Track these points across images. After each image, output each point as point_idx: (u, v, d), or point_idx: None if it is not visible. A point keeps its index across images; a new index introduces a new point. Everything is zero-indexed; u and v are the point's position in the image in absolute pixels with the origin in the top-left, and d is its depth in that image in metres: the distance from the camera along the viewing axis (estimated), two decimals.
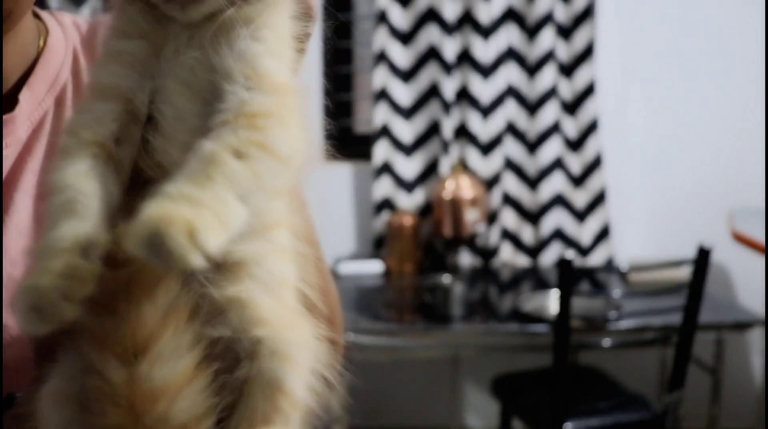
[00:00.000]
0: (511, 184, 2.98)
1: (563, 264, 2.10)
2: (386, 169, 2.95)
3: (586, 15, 2.90)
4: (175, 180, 0.50)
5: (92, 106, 0.55)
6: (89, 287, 0.50)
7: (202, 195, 0.49)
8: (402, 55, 2.92)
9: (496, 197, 2.94)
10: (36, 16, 0.78)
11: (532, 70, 2.92)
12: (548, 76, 2.89)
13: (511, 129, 2.96)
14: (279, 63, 0.58)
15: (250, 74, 0.55)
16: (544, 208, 2.96)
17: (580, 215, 2.97)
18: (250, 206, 0.51)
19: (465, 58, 2.92)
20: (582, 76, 2.92)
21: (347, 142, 3.10)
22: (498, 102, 2.91)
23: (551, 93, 2.90)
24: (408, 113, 2.95)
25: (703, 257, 2.22)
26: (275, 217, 0.59)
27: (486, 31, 2.87)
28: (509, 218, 2.99)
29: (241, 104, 0.53)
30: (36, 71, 0.75)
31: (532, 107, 2.94)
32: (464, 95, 2.94)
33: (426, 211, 2.97)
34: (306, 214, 0.74)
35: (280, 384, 0.56)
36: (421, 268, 2.88)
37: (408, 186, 2.96)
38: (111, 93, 0.55)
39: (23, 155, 0.73)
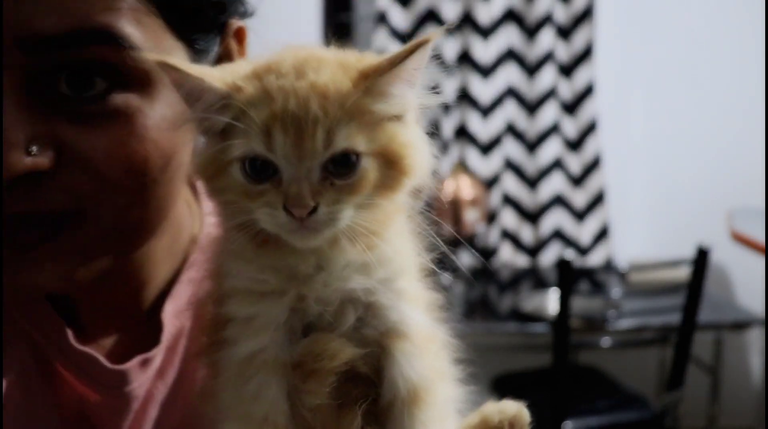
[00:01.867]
0: (510, 184, 2.98)
1: (563, 264, 2.11)
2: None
3: (585, 16, 2.90)
4: None
5: (259, 389, 0.54)
6: None
7: None
8: None
9: (495, 197, 2.95)
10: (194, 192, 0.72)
11: (531, 70, 2.93)
12: (548, 76, 2.90)
13: (511, 129, 2.97)
14: (416, 307, 0.57)
15: (398, 343, 0.55)
16: (544, 208, 2.96)
17: (580, 215, 2.98)
18: None
19: (465, 58, 2.93)
20: (581, 77, 2.93)
21: None
22: (498, 102, 2.92)
23: (551, 93, 2.91)
24: None
25: (702, 257, 2.22)
26: None
27: (486, 32, 2.88)
28: (509, 218, 3.00)
29: (405, 386, 0.55)
30: (182, 276, 0.68)
31: (531, 107, 2.94)
32: (464, 95, 2.94)
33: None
34: None
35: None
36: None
37: None
38: (266, 366, 0.54)
39: (156, 380, 0.67)
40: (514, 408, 0.61)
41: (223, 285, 0.55)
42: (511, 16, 2.92)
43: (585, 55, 2.92)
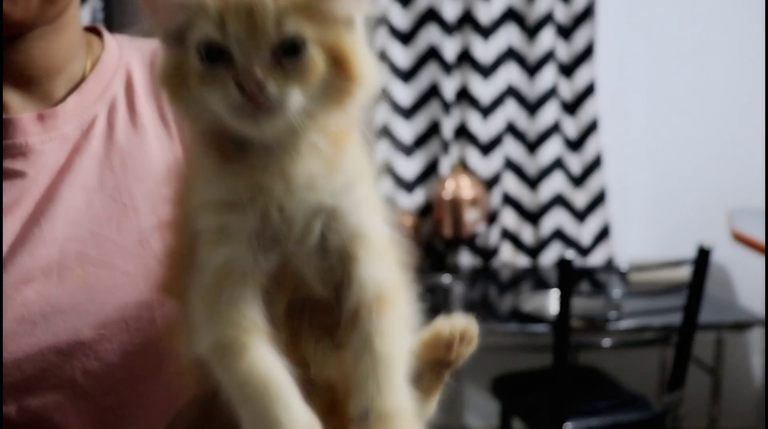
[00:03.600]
0: (511, 184, 2.98)
1: (563, 264, 2.10)
2: (386, 169, 2.95)
3: (585, 15, 2.90)
4: (372, 392, 0.56)
5: (234, 294, 0.57)
6: None
7: (405, 402, 0.56)
8: (402, 55, 2.92)
9: (496, 197, 2.94)
10: (98, 34, 0.86)
11: (532, 70, 2.92)
12: (548, 76, 2.89)
13: (511, 129, 2.96)
14: (378, 216, 0.60)
15: (362, 245, 0.58)
16: (544, 208, 2.96)
17: (580, 215, 2.97)
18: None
19: (465, 58, 2.93)
20: (582, 76, 2.92)
21: None
22: (498, 102, 2.92)
23: (551, 93, 2.90)
24: (408, 113, 2.95)
25: (703, 257, 2.22)
26: None
27: (486, 31, 2.87)
28: (509, 218, 2.99)
29: (372, 288, 0.58)
30: (88, 79, 0.81)
31: (532, 107, 2.94)
32: (464, 95, 2.94)
33: (426, 211, 2.97)
34: None
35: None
36: (421, 269, 2.87)
37: (408, 186, 2.96)
38: (240, 276, 0.57)
39: (72, 153, 0.78)
40: (464, 322, 0.65)
41: (190, 203, 0.58)
42: (511, 15, 2.91)
43: (585, 54, 2.91)
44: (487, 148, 2.93)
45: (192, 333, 0.57)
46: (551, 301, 2.43)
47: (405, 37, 2.92)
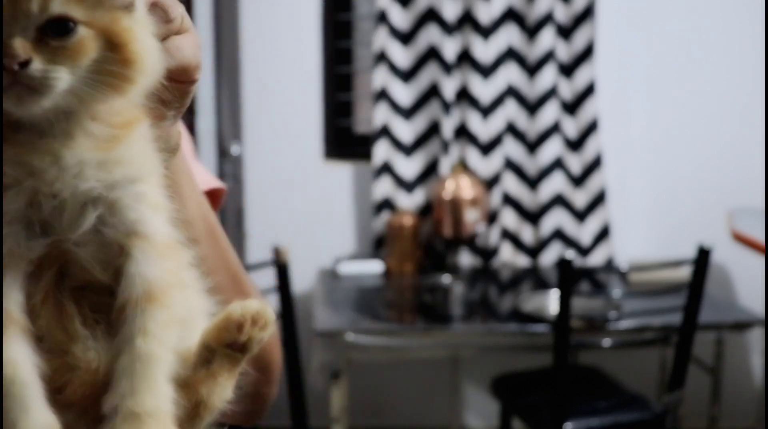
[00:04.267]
0: (511, 184, 2.98)
1: (563, 264, 2.10)
2: (386, 169, 2.95)
3: (586, 15, 2.89)
4: (125, 390, 0.55)
5: (5, 276, 0.55)
6: None
7: (159, 402, 0.55)
8: (402, 55, 2.92)
9: (496, 197, 2.94)
10: None
11: (532, 70, 2.92)
12: (548, 76, 2.89)
13: (511, 129, 2.96)
14: (160, 214, 0.58)
15: (137, 243, 0.56)
16: (544, 208, 2.95)
17: (580, 215, 2.97)
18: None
19: (465, 58, 2.92)
20: (582, 76, 2.92)
21: (347, 142, 3.10)
22: (498, 102, 2.91)
23: (551, 93, 2.90)
24: (408, 113, 2.95)
25: (703, 257, 2.22)
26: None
27: (486, 31, 2.87)
28: (509, 218, 2.99)
29: (141, 285, 0.56)
30: None
31: (532, 107, 2.94)
32: (464, 95, 2.94)
33: (426, 211, 2.97)
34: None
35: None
36: (421, 268, 2.88)
37: (408, 186, 2.96)
38: (7, 257, 0.55)
39: None
40: (257, 304, 0.62)
41: None
42: (511, 15, 2.91)
43: (586, 54, 2.91)
44: (487, 148, 2.93)
45: None
46: (551, 301, 2.43)
47: (405, 37, 2.92)
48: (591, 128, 2.93)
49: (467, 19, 2.90)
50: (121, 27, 0.54)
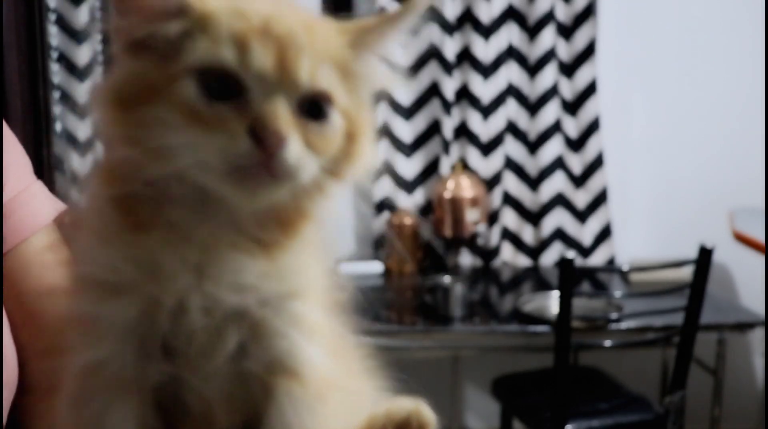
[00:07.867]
0: (511, 183, 2.97)
1: (564, 264, 2.09)
2: (386, 169, 2.94)
3: (587, 14, 2.89)
4: None
5: (103, 411, 0.43)
6: None
7: None
8: (402, 55, 2.91)
9: (496, 197, 2.93)
10: None
11: (532, 69, 2.91)
12: (549, 75, 2.88)
13: (512, 128, 2.95)
14: (318, 345, 0.46)
15: (288, 385, 0.44)
16: (545, 208, 2.95)
17: (581, 215, 2.96)
18: None
19: (465, 57, 2.92)
20: (583, 76, 2.91)
21: None
22: (498, 101, 2.91)
23: (552, 92, 2.89)
24: (408, 113, 2.94)
25: (704, 257, 2.21)
26: None
27: (486, 31, 2.86)
28: (510, 218, 2.98)
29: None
30: None
31: (532, 107, 2.93)
32: (465, 95, 2.93)
33: (426, 211, 2.96)
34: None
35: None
36: (421, 269, 2.87)
37: (408, 186, 2.95)
38: (114, 383, 0.43)
39: None
40: (414, 405, 0.49)
41: (72, 272, 0.44)
42: (512, 14, 2.90)
43: (587, 54, 2.90)
44: (487, 148, 2.92)
45: None
46: (552, 302, 2.43)
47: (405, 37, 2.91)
48: (592, 128, 2.92)
49: (468, 19, 2.89)
50: (363, 119, 0.45)
